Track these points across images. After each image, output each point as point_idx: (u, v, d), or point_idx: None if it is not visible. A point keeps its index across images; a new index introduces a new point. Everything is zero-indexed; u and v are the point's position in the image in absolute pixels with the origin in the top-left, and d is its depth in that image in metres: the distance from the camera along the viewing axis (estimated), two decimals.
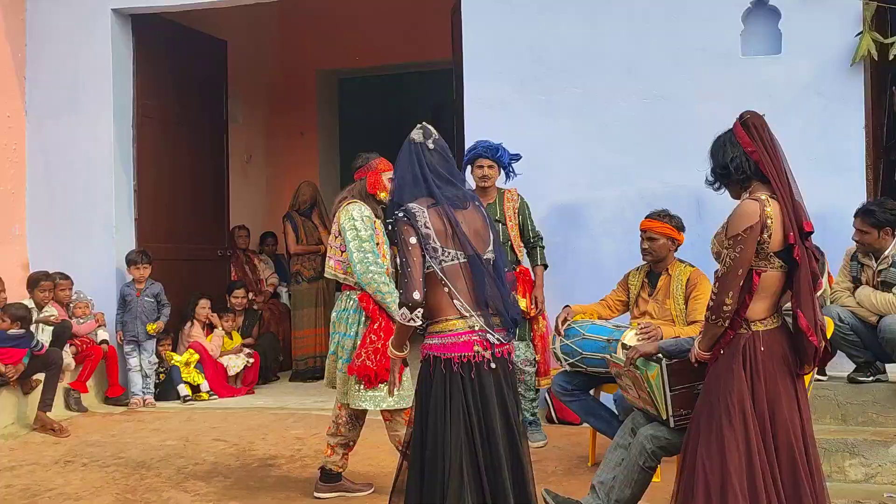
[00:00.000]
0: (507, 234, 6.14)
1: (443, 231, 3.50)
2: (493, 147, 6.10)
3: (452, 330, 3.51)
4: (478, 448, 3.46)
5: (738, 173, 3.66)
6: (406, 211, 3.50)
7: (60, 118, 8.04)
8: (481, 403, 3.49)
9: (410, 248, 3.46)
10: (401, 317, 3.47)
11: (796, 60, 6.64)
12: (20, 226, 8.05)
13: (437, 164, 3.62)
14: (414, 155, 3.63)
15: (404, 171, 3.63)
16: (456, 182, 3.65)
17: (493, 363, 3.52)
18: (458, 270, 3.52)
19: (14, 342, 6.58)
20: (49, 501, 5.27)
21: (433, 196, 3.56)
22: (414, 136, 3.68)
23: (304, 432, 6.57)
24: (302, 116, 11.63)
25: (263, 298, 9.48)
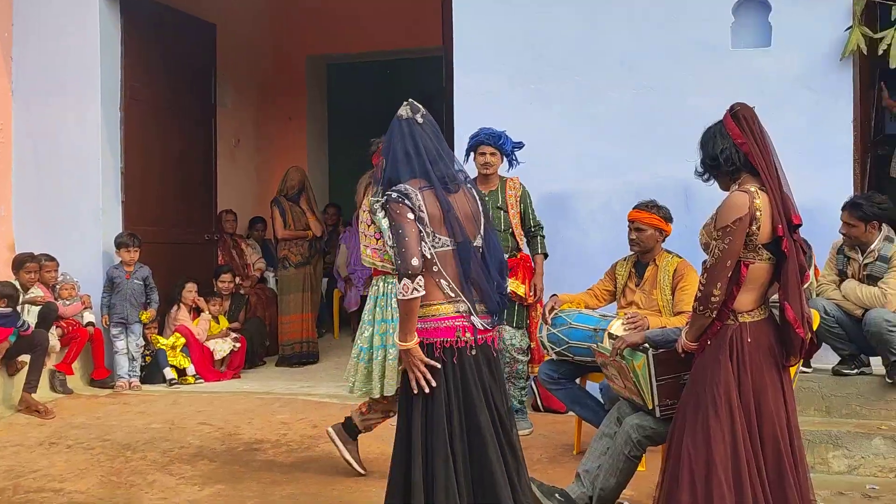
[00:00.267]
0: (508, 222, 6.15)
1: (436, 216, 3.47)
2: (496, 134, 6.10)
3: (436, 315, 3.50)
4: (455, 434, 3.45)
5: (727, 165, 3.67)
6: (400, 192, 3.46)
7: (47, 99, 7.98)
8: (462, 389, 3.49)
9: (406, 221, 3.42)
10: (402, 289, 3.40)
11: (787, 54, 6.65)
12: (6, 206, 8.01)
13: (428, 139, 3.57)
14: (405, 131, 3.58)
15: (396, 149, 3.57)
16: (446, 158, 3.60)
17: (474, 349, 3.51)
18: (448, 256, 3.51)
19: (0, 321, 6.55)
20: (33, 482, 5.26)
21: (426, 176, 3.51)
22: (402, 113, 3.64)
23: (289, 417, 6.57)
24: (291, 102, 11.61)
25: (250, 283, 9.48)
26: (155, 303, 7.90)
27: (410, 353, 3.45)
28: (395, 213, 3.44)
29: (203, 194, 9.24)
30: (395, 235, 3.44)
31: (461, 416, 3.48)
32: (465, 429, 3.48)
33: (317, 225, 9.00)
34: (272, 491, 5.08)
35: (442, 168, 3.56)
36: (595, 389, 5.74)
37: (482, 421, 3.47)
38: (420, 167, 3.53)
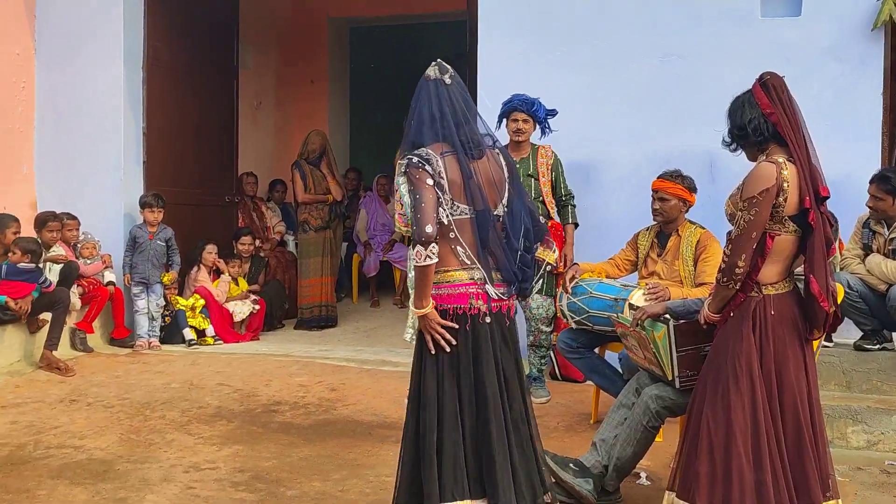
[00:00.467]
0: (539, 190, 6.12)
1: (457, 182, 3.44)
2: (529, 101, 6.04)
3: (450, 281, 3.48)
4: (464, 401, 3.46)
5: (755, 135, 3.62)
6: (421, 156, 3.43)
7: (70, 58, 7.98)
8: (473, 356, 3.48)
9: (425, 186, 3.39)
10: (416, 256, 3.39)
11: (816, 24, 6.54)
12: (28, 165, 8.03)
13: (455, 100, 3.51)
14: (432, 92, 3.52)
15: (422, 110, 3.52)
16: (472, 121, 3.53)
17: (488, 317, 3.50)
18: (466, 224, 3.48)
19: (24, 276, 6.59)
20: (54, 438, 5.31)
21: (450, 140, 3.47)
22: (430, 74, 3.57)
23: (307, 380, 6.60)
24: (313, 64, 11.56)
25: (270, 246, 9.49)
26: (176, 265, 7.93)
27: (427, 318, 3.46)
28: (415, 178, 3.41)
29: (224, 156, 9.24)
30: (413, 201, 3.41)
31: (471, 383, 3.47)
32: (475, 398, 3.47)
33: (337, 189, 8.99)
34: (290, 452, 5.11)
35: (467, 132, 3.50)
36: (614, 359, 5.72)
37: (489, 392, 3.46)
38: (444, 131, 3.48)
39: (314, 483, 4.63)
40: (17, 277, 6.56)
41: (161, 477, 4.70)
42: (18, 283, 6.56)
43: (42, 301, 6.72)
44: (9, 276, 6.53)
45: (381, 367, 6.95)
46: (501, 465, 3.43)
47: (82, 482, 4.61)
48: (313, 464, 4.93)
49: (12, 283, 6.55)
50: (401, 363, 6.81)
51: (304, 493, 4.50)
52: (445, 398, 3.47)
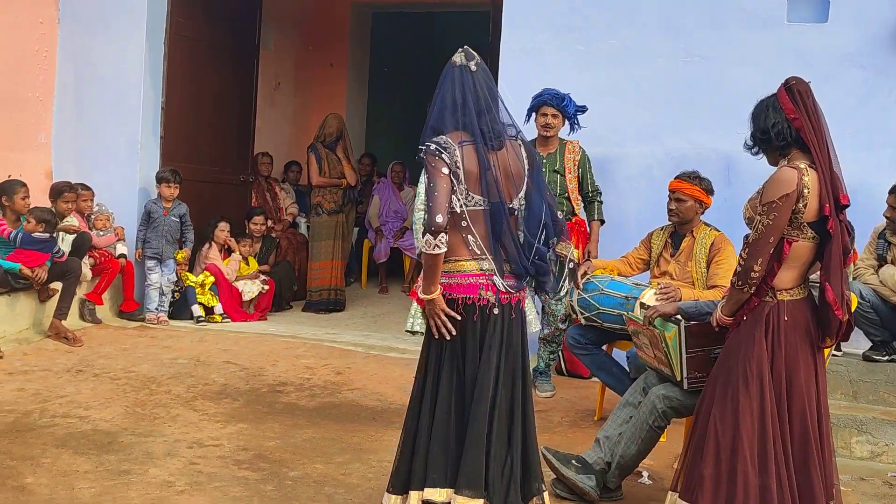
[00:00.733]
0: (564, 186, 6.11)
1: (473, 173, 3.43)
2: (560, 96, 6.01)
3: (460, 271, 3.48)
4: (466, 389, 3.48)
5: (778, 139, 3.60)
6: (439, 144, 3.41)
7: (93, 29, 7.97)
8: (479, 347, 3.48)
9: (440, 175, 3.38)
10: (425, 244, 3.39)
11: (841, 30, 6.52)
12: (46, 133, 8.03)
13: (479, 88, 3.48)
14: (456, 79, 3.50)
15: (445, 97, 3.49)
16: (495, 110, 3.50)
17: (496, 308, 3.49)
18: (479, 216, 3.48)
19: (38, 246, 6.61)
20: (59, 407, 5.33)
21: (470, 129, 3.45)
22: (455, 59, 3.54)
23: (314, 362, 6.61)
24: (333, 48, 11.55)
25: (282, 227, 9.49)
26: (190, 242, 7.95)
27: (434, 303, 3.47)
28: (431, 166, 3.41)
29: (241, 135, 9.23)
30: (427, 188, 3.41)
31: (472, 373, 3.48)
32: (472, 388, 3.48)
33: (352, 174, 8.99)
34: (293, 433, 5.12)
35: (488, 121, 3.47)
36: (621, 357, 5.72)
37: (486, 384, 3.45)
38: (465, 118, 3.46)
39: (317, 465, 4.65)
40: (32, 247, 6.57)
41: (165, 451, 4.72)
42: (33, 252, 6.57)
43: (54, 270, 6.74)
44: (23, 244, 6.54)
45: (387, 354, 6.95)
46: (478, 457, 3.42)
47: (86, 452, 4.63)
48: (316, 446, 4.94)
49: (27, 251, 6.56)
50: (407, 350, 6.82)
51: (307, 474, 4.51)
52: (442, 386, 3.49)
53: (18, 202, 6.62)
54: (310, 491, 4.29)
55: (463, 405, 3.49)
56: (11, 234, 6.52)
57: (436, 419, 3.48)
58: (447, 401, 3.48)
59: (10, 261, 6.53)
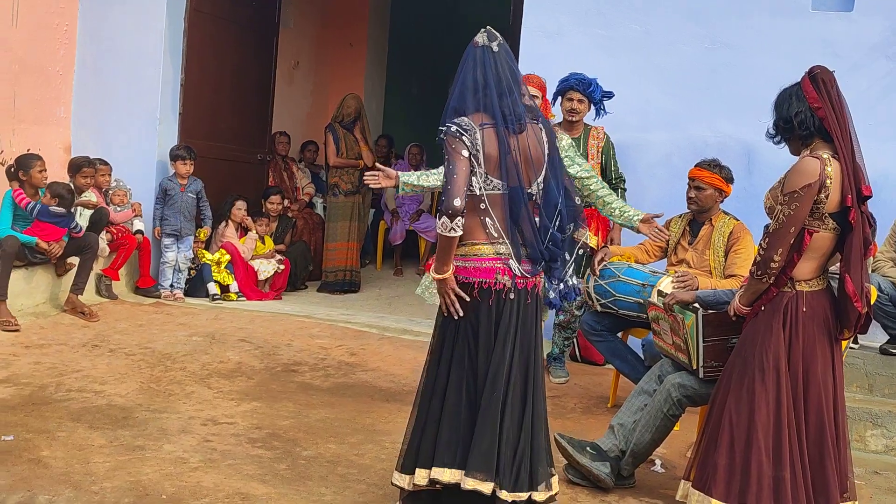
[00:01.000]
0: None
1: (493, 157, 3.41)
2: (587, 81, 5.95)
3: (477, 255, 3.48)
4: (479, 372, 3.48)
5: (801, 129, 3.58)
6: (461, 126, 3.40)
7: (113, 4, 7.97)
8: (494, 331, 3.48)
9: (460, 158, 3.37)
10: (441, 226, 3.38)
11: (867, 19, 6.45)
12: (65, 108, 8.05)
13: (501, 69, 3.46)
14: (478, 59, 3.48)
15: (466, 77, 3.47)
16: (517, 92, 3.48)
17: (512, 293, 3.48)
18: (498, 200, 3.47)
19: (55, 219, 6.63)
20: (75, 382, 5.36)
21: (491, 111, 3.43)
22: (478, 40, 3.52)
23: (329, 342, 6.62)
24: (353, 28, 11.52)
25: (298, 207, 9.50)
26: (209, 219, 7.98)
27: (445, 282, 3.49)
28: (451, 147, 3.39)
29: (259, 113, 9.22)
30: (446, 170, 3.40)
31: (486, 357, 3.48)
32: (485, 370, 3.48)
33: (369, 155, 8.97)
34: (307, 413, 5.13)
35: (509, 103, 3.45)
36: (636, 345, 5.70)
37: (501, 368, 3.46)
38: (486, 100, 3.44)
39: (330, 445, 4.65)
40: (49, 219, 6.59)
41: (179, 428, 4.73)
42: (49, 226, 6.59)
43: (71, 245, 6.76)
44: (40, 216, 6.56)
45: (401, 336, 6.95)
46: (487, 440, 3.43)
47: (101, 427, 4.65)
48: (330, 426, 4.95)
49: (44, 224, 6.58)
50: (421, 332, 6.81)
51: (320, 454, 4.52)
52: (455, 369, 3.49)
53: (35, 176, 6.63)
54: (322, 470, 4.30)
55: (475, 388, 3.49)
56: (29, 205, 6.54)
57: (447, 401, 3.49)
58: (459, 383, 3.49)
59: (28, 234, 6.55)
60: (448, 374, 3.52)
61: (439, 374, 3.54)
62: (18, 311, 6.46)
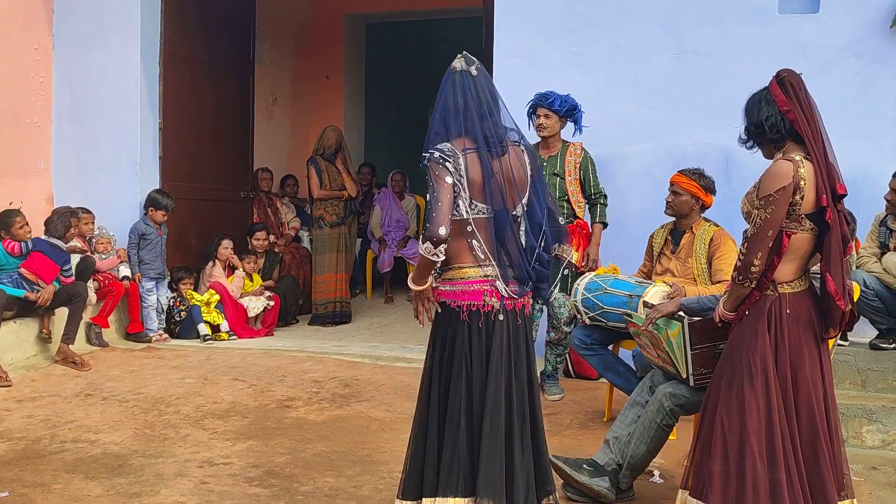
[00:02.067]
0: (564, 189, 6.10)
1: (477, 182, 3.42)
2: (546, 95, 6.01)
3: (464, 278, 3.48)
4: (473, 397, 3.45)
5: (772, 132, 3.60)
6: (444, 152, 3.40)
7: (87, 52, 8.00)
8: (486, 354, 3.47)
9: (443, 185, 3.37)
10: (424, 250, 3.38)
11: (834, 20, 6.52)
12: (45, 159, 8.06)
13: (480, 91, 3.48)
14: (458, 84, 3.49)
15: (446, 101, 3.49)
16: (497, 115, 3.50)
17: (501, 314, 3.48)
18: (483, 223, 3.47)
19: (53, 251, 6.67)
20: (69, 433, 5.34)
21: (472, 135, 3.44)
22: (455, 65, 3.54)
23: (322, 376, 6.61)
24: (328, 60, 11.57)
25: (285, 241, 9.50)
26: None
27: (423, 293, 3.52)
28: (434, 174, 3.40)
29: (240, 151, 9.25)
30: (430, 197, 3.40)
31: (479, 382, 3.46)
32: (481, 395, 3.46)
33: (352, 185, 9.00)
34: (303, 448, 5.12)
35: (490, 125, 3.47)
36: (627, 357, 5.70)
37: (492, 391, 3.44)
38: (469, 123, 3.45)
39: (327, 479, 4.64)
40: (46, 250, 6.66)
41: (175, 472, 4.71)
42: (46, 260, 6.64)
43: (60, 294, 6.76)
44: (37, 246, 6.62)
45: (394, 364, 6.95)
46: (498, 467, 3.41)
47: (97, 476, 4.63)
48: (327, 459, 4.94)
49: (40, 256, 6.62)
50: (415, 359, 6.81)
51: (318, 488, 4.51)
52: (452, 394, 3.47)
53: (17, 232, 6.66)
54: None
55: (472, 412, 3.47)
56: (23, 245, 6.63)
57: (447, 427, 3.47)
58: (457, 409, 3.46)
59: (24, 268, 6.61)
60: (445, 400, 3.49)
61: (433, 399, 3.52)
62: (9, 364, 6.44)
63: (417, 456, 3.56)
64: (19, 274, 6.61)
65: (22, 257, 6.62)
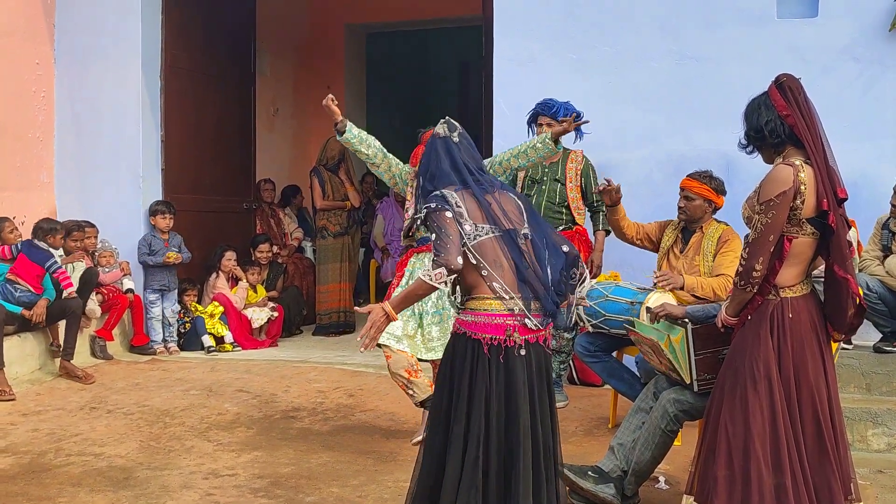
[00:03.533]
0: (564, 195, 6.11)
1: (476, 209, 3.45)
2: (549, 104, 6.02)
3: (488, 310, 3.39)
4: (491, 433, 3.36)
5: (772, 137, 3.61)
6: (436, 198, 3.46)
7: (89, 66, 8.03)
8: (506, 389, 3.38)
9: (447, 220, 3.39)
10: (434, 277, 3.31)
11: (833, 24, 6.52)
12: (48, 173, 8.09)
13: (465, 154, 3.64)
14: (442, 150, 3.65)
15: (438, 165, 3.62)
16: (480, 171, 3.64)
17: (523, 349, 3.40)
18: (495, 246, 3.43)
19: (38, 254, 6.72)
20: (74, 446, 5.34)
21: (464, 182, 3.55)
22: (439, 131, 3.71)
23: (326, 386, 6.61)
24: (329, 70, 11.59)
25: (288, 252, 9.51)
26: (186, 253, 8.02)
27: (384, 321, 3.41)
28: (434, 217, 3.42)
29: (242, 163, 9.27)
30: (438, 234, 3.37)
31: (501, 416, 3.38)
32: (504, 431, 3.38)
33: (355, 195, 9.02)
34: (308, 458, 5.12)
35: (478, 176, 3.60)
36: (631, 363, 5.70)
37: (521, 426, 3.36)
38: (458, 177, 3.57)
39: (332, 489, 4.64)
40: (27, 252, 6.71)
41: (181, 484, 4.72)
42: (28, 262, 6.69)
43: (54, 310, 6.76)
44: (24, 249, 6.70)
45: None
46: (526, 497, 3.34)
47: (102, 489, 4.63)
48: (332, 470, 4.94)
49: (24, 259, 6.69)
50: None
51: (323, 498, 4.51)
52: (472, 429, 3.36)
53: (7, 237, 6.70)
54: None
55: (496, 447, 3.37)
56: (13, 247, 6.69)
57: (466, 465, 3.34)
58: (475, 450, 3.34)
59: (11, 274, 6.64)
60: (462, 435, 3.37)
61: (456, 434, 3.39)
62: (14, 378, 6.45)
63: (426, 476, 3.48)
64: (7, 280, 6.62)
65: (12, 261, 6.68)
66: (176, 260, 7.74)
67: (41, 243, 6.77)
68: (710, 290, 5.06)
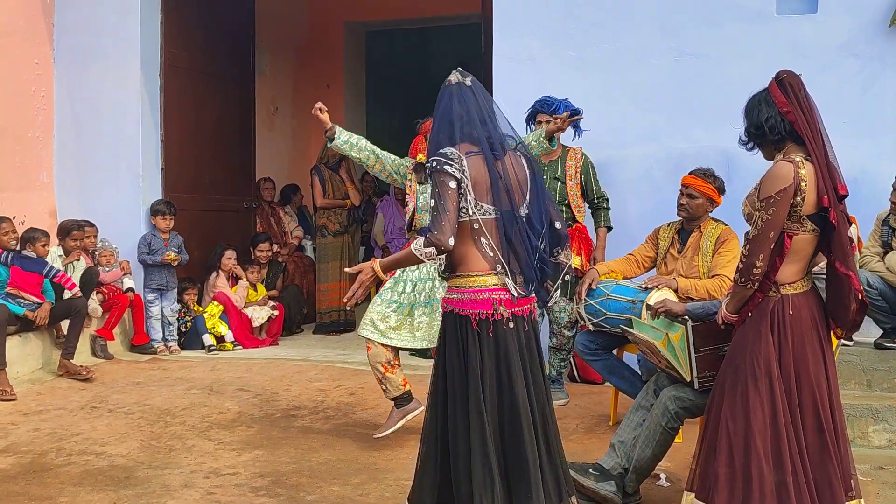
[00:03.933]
0: (564, 193, 6.11)
1: (481, 183, 3.43)
2: (549, 102, 6.01)
3: (473, 286, 3.44)
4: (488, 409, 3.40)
5: (772, 134, 3.60)
6: (446, 156, 3.41)
7: (88, 66, 8.03)
8: (501, 362, 3.44)
9: (449, 192, 3.38)
10: (424, 253, 3.37)
11: (832, 20, 6.52)
12: (48, 173, 8.09)
13: (479, 99, 3.55)
14: (455, 94, 3.56)
15: (447, 111, 3.54)
16: (496, 121, 3.56)
17: (511, 321, 3.45)
18: (492, 225, 3.46)
19: (30, 264, 6.71)
20: (75, 445, 5.34)
21: (475, 140, 3.48)
22: (451, 78, 3.61)
23: (327, 384, 6.61)
24: (329, 69, 11.60)
25: (288, 251, 9.52)
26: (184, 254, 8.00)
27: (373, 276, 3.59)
28: (439, 181, 3.40)
29: (241, 162, 9.28)
30: (437, 205, 3.39)
31: (496, 390, 3.43)
32: (500, 403, 3.43)
33: (356, 194, 9.03)
34: (309, 457, 5.12)
35: (490, 130, 3.51)
36: (632, 360, 5.70)
37: (518, 396, 3.42)
38: (469, 130, 3.49)
39: (334, 487, 4.64)
40: (21, 264, 6.68)
41: (182, 483, 4.72)
42: (24, 273, 6.67)
43: (59, 310, 6.76)
44: (14, 261, 6.66)
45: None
46: (533, 473, 3.38)
47: (104, 489, 4.63)
48: (333, 468, 4.94)
49: (19, 270, 6.66)
50: (419, 367, 6.81)
51: (324, 497, 4.51)
52: (472, 406, 3.41)
53: (2, 239, 6.69)
54: None
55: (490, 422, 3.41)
56: (2, 255, 6.63)
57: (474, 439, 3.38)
58: (481, 420, 3.39)
59: (10, 286, 6.62)
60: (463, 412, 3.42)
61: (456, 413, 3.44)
62: (15, 378, 6.45)
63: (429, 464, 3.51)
64: (8, 294, 6.61)
65: (6, 267, 6.65)
66: (175, 260, 7.73)
67: (30, 254, 6.75)
68: (705, 292, 5.08)
